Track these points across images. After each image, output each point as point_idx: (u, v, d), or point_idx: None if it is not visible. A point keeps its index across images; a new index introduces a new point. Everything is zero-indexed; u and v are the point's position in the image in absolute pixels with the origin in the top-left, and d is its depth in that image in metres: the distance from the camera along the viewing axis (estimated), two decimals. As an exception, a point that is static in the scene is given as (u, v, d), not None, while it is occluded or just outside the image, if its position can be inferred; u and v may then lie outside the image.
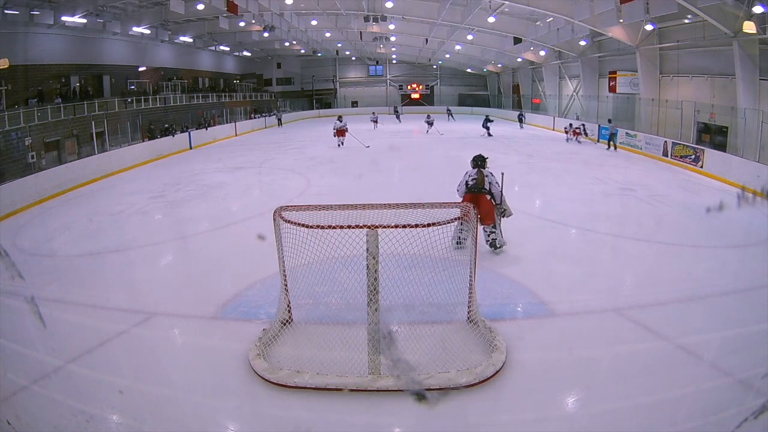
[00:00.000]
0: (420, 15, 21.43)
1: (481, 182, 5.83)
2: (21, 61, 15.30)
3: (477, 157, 6.07)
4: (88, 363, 3.80)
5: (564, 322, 4.40)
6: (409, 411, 3.27)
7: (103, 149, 15.20)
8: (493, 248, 5.98)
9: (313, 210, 3.88)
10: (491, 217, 5.88)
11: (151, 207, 9.38)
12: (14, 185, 9.82)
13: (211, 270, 5.85)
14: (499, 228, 6.01)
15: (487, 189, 5.83)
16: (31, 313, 4.45)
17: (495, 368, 3.52)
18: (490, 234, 5.97)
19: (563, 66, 24.36)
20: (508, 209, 6.00)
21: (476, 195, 5.77)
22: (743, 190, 9.31)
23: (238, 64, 33.19)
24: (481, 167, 5.96)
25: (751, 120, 12.11)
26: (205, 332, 4.39)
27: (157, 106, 20.96)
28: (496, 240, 5.98)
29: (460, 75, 37.33)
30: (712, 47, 13.90)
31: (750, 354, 3.81)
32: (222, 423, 3.25)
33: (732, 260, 6.03)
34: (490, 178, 5.88)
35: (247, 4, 18.27)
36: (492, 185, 5.85)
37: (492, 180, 5.87)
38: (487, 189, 5.84)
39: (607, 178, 11.19)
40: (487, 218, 5.84)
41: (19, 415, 3.16)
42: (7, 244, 7.18)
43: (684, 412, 3.20)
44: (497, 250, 5.98)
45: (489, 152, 6.75)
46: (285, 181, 11.60)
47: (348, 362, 3.49)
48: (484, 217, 5.77)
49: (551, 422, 3.17)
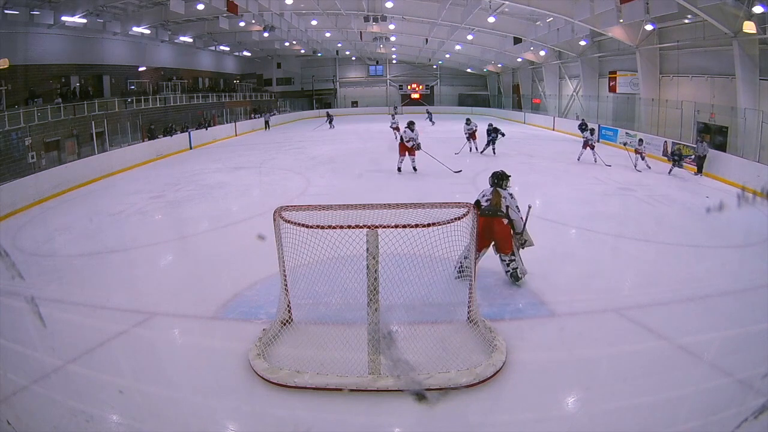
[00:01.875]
0: (420, 15, 21.42)
1: (497, 204, 4.98)
2: (21, 61, 15.32)
3: (496, 174, 5.17)
4: (88, 363, 3.80)
5: (564, 322, 4.40)
6: (409, 411, 3.27)
7: (103, 149, 15.22)
8: (515, 279, 5.08)
9: (313, 210, 3.88)
10: (508, 246, 5.02)
11: (151, 207, 9.37)
12: (14, 185, 9.82)
13: (211, 270, 5.84)
14: (519, 256, 5.10)
15: (503, 212, 4.98)
16: (31, 313, 4.44)
17: (495, 368, 3.52)
18: (509, 263, 5.07)
19: (563, 66, 24.36)
20: (529, 239, 5.08)
21: (490, 219, 4.91)
22: (743, 190, 9.30)
23: (238, 64, 33.20)
24: (498, 186, 5.09)
25: (751, 120, 12.12)
26: (205, 332, 4.38)
27: (157, 106, 20.97)
28: (518, 269, 5.06)
29: (460, 75, 37.32)
30: (712, 47, 13.90)
31: (750, 354, 3.81)
32: (222, 423, 3.25)
33: (732, 260, 6.03)
34: (508, 200, 4.99)
35: (247, 4, 18.27)
36: (511, 209, 4.97)
37: (511, 203, 4.98)
38: (504, 212, 4.97)
39: (607, 178, 11.19)
40: (504, 246, 5.02)
41: (19, 415, 3.15)
42: (7, 244, 7.18)
43: (684, 412, 3.20)
44: (519, 281, 5.09)
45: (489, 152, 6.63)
46: (285, 181, 11.60)
47: (348, 362, 3.49)
48: (501, 245, 5.02)
49: (551, 422, 3.17)
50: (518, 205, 5.00)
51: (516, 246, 5.06)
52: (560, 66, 24.59)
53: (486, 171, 5.77)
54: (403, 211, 3.91)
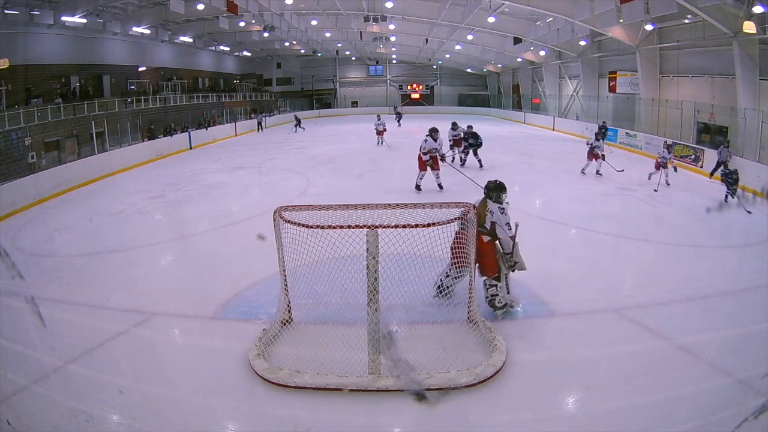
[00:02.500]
0: (420, 15, 21.43)
1: (481, 217, 4.28)
2: (21, 61, 15.32)
3: (490, 183, 4.47)
4: (88, 363, 3.81)
5: (564, 322, 4.40)
6: (409, 411, 3.27)
7: (103, 149, 15.22)
8: (493, 308, 4.38)
9: (313, 210, 3.89)
10: (489, 267, 4.33)
11: (151, 207, 9.37)
12: (14, 185, 9.82)
13: (211, 270, 5.84)
14: (505, 282, 4.40)
15: (485, 228, 4.30)
16: (31, 313, 4.45)
17: (495, 368, 3.52)
18: (488, 288, 4.38)
19: (563, 66, 24.36)
20: (521, 262, 4.34)
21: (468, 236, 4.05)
22: (743, 190, 9.30)
23: (238, 64, 33.20)
24: (488, 198, 4.39)
25: (751, 120, 12.12)
26: (205, 332, 4.39)
27: (157, 106, 20.97)
28: (497, 298, 4.35)
29: (460, 75, 37.31)
30: (712, 47, 13.90)
31: (750, 354, 3.81)
32: (222, 423, 3.25)
33: (732, 260, 6.03)
34: (496, 215, 4.26)
35: (247, 4, 18.27)
36: (498, 226, 4.26)
37: (500, 219, 4.24)
38: (487, 228, 4.30)
39: (607, 178, 11.19)
40: (487, 268, 4.33)
41: (19, 415, 3.15)
42: (7, 244, 7.18)
43: (684, 412, 3.20)
44: (499, 311, 4.39)
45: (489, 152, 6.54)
46: (285, 181, 11.59)
47: (348, 362, 3.49)
48: (484, 266, 4.32)
49: (551, 422, 3.17)
50: (510, 222, 4.23)
51: (505, 268, 4.36)
52: (560, 66, 24.59)
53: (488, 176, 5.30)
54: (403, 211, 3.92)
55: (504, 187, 4.41)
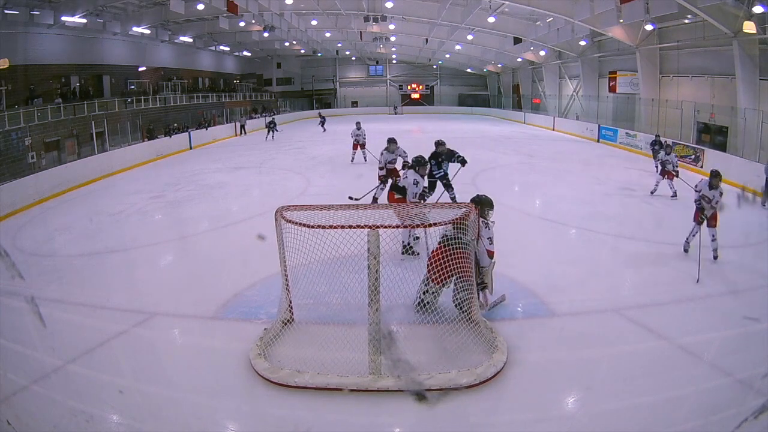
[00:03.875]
0: (420, 15, 21.43)
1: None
2: (21, 61, 15.31)
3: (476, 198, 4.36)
4: (88, 363, 3.80)
5: (564, 322, 4.40)
6: (410, 411, 3.27)
7: (103, 149, 15.23)
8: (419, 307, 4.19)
9: (314, 210, 3.89)
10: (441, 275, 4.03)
11: (151, 207, 9.37)
12: (14, 185, 9.82)
13: (211, 270, 5.84)
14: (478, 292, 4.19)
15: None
16: (31, 313, 4.44)
17: (496, 369, 3.53)
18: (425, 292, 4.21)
19: (563, 66, 24.37)
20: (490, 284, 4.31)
21: (447, 250, 3.96)
22: (743, 190, 9.30)
23: (238, 64, 33.20)
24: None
25: (751, 120, 12.12)
26: (205, 332, 4.39)
27: (157, 106, 20.96)
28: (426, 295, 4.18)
29: (460, 75, 37.32)
30: (712, 47, 13.91)
31: (750, 354, 3.82)
32: (222, 423, 3.25)
33: (732, 260, 6.03)
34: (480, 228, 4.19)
35: (247, 4, 18.27)
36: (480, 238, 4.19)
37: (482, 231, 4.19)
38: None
39: (607, 178, 11.19)
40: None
41: (19, 415, 3.15)
42: (7, 244, 7.18)
43: (684, 412, 3.20)
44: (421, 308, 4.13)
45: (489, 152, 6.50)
46: (285, 181, 11.60)
47: (349, 362, 3.49)
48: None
49: (552, 422, 3.17)
50: (492, 237, 4.19)
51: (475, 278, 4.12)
52: (560, 66, 24.59)
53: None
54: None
55: (491, 204, 4.35)
